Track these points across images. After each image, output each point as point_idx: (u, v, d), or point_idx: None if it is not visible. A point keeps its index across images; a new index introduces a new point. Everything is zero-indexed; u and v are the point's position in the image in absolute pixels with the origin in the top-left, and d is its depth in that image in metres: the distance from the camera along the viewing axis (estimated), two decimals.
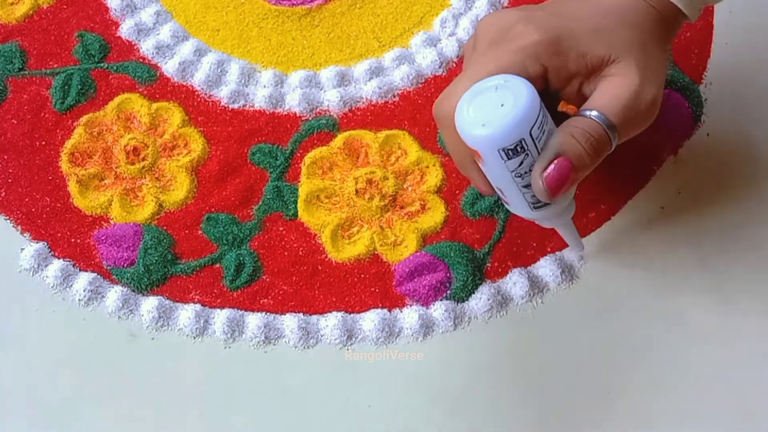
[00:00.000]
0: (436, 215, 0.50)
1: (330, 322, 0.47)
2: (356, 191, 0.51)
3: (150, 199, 0.52)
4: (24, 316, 0.49)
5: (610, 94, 0.40)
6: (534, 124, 0.38)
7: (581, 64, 0.40)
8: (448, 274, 0.48)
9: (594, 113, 0.40)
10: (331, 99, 0.55)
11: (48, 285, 0.50)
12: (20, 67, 0.57)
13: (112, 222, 0.52)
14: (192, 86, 0.56)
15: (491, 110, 0.38)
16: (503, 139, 0.38)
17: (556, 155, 0.39)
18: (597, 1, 0.42)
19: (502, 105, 0.38)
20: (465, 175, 0.44)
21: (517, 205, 0.42)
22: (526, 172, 0.39)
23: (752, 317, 0.46)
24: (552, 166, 0.39)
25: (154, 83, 0.56)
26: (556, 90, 0.41)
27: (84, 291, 0.49)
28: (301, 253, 0.50)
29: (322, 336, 0.47)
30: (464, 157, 0.42)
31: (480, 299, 0.48)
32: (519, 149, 0.38)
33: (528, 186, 0.40)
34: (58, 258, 0.50)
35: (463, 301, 0.48)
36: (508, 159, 0.39)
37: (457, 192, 0.51)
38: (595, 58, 0.40)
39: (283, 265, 0.50)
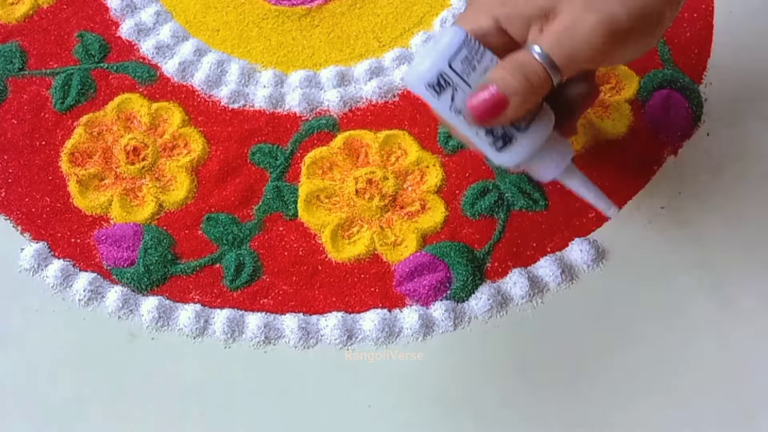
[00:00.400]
0: (436, 215, 0.50)
1: (330, 322, 0.47)
2: (356, 191, 0.51)
3: (150, 199, 0.52)
4: (24, 316, 0.49)
5: (549, 28, 0.40)
6: (455, 58, 0.39)
7: (531, 6, 0.40)
8: (448, 274, 0.48)
9: (533, 47, 0.40)
10: (331, 99, 0.55)
11: (48, 285, 0.50)
12: (20, 67, 0.57)
13: (112, 222, 0.52)
14: (192, 86, 0.56)
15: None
16: (423, 75, 0.39)
17: (484, 84, 0.40)
18: None
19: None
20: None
21: (486, 150, 0.42)
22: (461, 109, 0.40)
23: (752, 317, 0.46)
24: (476, 92, 0.39)
25: (154, 83, 0.56)
26: (521, 41, 0.41)
27: (84, 291, 0.49)
28: (301, 253, 0.50)
29: (322, 336, 0.47)
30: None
31: (480, 299, 0.48)
32: (443, 83, 0.39)
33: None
34: (58, 258, 0.51)
35: (463, 301, 0.48)
36: (438, 94, 0.40)
37: (457, 192, 0.51)
38: None
39: (283, 265, 0.50)
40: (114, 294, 0.49)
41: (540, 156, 0.42)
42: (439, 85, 0.39)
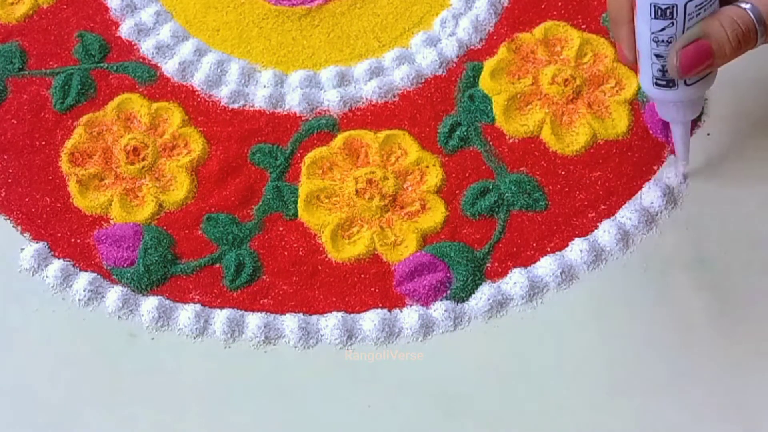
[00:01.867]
0: (436, 215, 0.50)
1: (330, 322, 0.47)
2: (356, 191, 0.51)
3: (150, 199, 0.52)
4: (24, 316, 0.49)
5: None
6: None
7: None
8: (448, 274, 0.48)
9: (747, 5, 0.41)
10: (331, 99, 0.55)
11: (48, 285, 0.50)
12: (20, 67, 0.57)
13: (112, 222, 0.52)
14: (192, 86, 0.56)
15: None
16: None
17: (699, 36, 0.40)
18: None
19: None
20: (614, 33, 0.44)
21: (645, 75, 0.43)
22: (662, 41, 0.41)
23: (753, 317, 0.46)
24: (691, 46, 0.40)
25: (154, 83, 0.56)
26: None
27: (84, 291, 0.49)
28: (301, 253, 0.50)
29: (322, 336, 0.47)
30: (621, 11, 0.43)
31: (480, 299, 0.48)
32: (668, 13, 0.40)
33: (659, 56, 0.41)
34: (58, 258, 0.50)
35: (463, 301, 0.48)
36: (655, 17, 0.40)
37: (457, 192, 0.51)
38: None
39: (283, 265, 0.50)
40: (114, 294, 0.49)
41: (678, 103, 0.44)
42: (663, 12, 0.40)
